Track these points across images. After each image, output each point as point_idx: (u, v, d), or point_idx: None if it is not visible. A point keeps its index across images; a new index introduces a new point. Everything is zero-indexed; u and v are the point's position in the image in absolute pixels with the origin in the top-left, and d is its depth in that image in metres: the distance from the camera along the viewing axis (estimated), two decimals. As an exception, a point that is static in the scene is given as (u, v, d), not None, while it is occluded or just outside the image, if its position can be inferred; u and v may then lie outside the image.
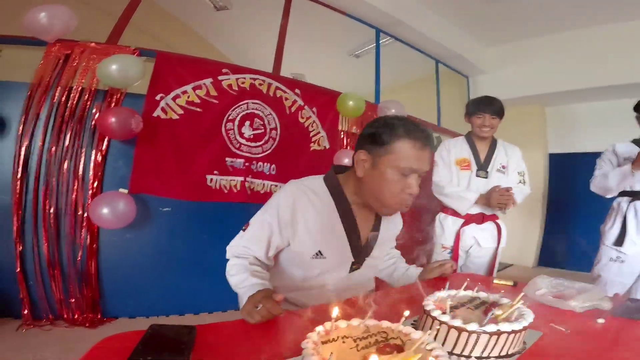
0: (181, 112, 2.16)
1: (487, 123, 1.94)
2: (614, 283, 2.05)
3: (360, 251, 1.13)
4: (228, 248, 1.12)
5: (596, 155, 2.78)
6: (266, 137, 2.44)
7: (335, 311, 0.66)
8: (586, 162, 3.85)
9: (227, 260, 1.10)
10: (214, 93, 2.25)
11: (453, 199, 1.96)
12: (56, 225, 1.97)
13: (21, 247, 1.94)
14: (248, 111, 2.37)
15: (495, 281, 1.36)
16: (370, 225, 1.15)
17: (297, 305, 1.12)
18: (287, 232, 1.06)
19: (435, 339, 0.78)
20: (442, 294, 0.90)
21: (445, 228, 2.04)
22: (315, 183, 1.11)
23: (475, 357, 0.75)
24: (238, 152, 2.34)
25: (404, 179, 1.00)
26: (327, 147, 2.72)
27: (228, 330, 0.78)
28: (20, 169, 1.96)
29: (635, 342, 0.88)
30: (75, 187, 2.00)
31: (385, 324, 0.70)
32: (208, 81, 2.24)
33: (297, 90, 2.59)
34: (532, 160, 4.53)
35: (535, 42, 4.06)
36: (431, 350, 0.61)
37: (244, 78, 2.35)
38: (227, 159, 2.30)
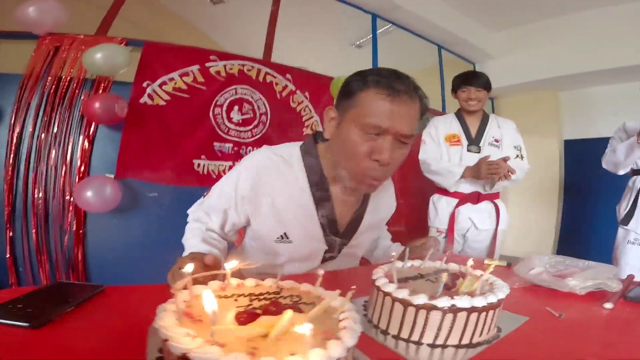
0: (168, 98, 2.05)
1: (473, 96, 1.76)
2: (634, 268, 1.79)
3: (336, 239, 0.91)
4: (189, 211, 0.97)
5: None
6: (256, 122, 2.29)
7: (232, 264, 0.49)
8: (604, 147, 3.46)
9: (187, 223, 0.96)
10: (201, 79, 2.13)
11: (441, 175, 1.74)
12: (45, 210, 1.90)
13: (11, 233, 1.87)
14: (237, 96, 2.23)
15: (486, 261, 1.13)
16: (354, 206, 0.92)
17: None
18: (245, 208, 0.87)
19: (380, 317, 0.58)
20: (402, 263, 0.70)
21: (439, 210, 1.81)
22: (291, 152, 0.89)
23: (428, 345, 0.55)
24: (226, 136, 2.20)
25: (372, 141, 0.73)
26: (321, 131, 2.53)
27: (140, 293, 0.68)
28: (12, 156, 1.91)
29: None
30: (64, 172, 1.92)
31: (305, 287, 0.51)
32: (195, 68, 2.11)
33: (288, 76, 2.43)
34: (546, 147, 4.18)
35: (545, 25, 3.70)
36: (342, 320, 0.41)
37: (232, 64, 2.21)
38: (215, 143, 2.16)
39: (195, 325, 0.36)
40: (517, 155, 1.78)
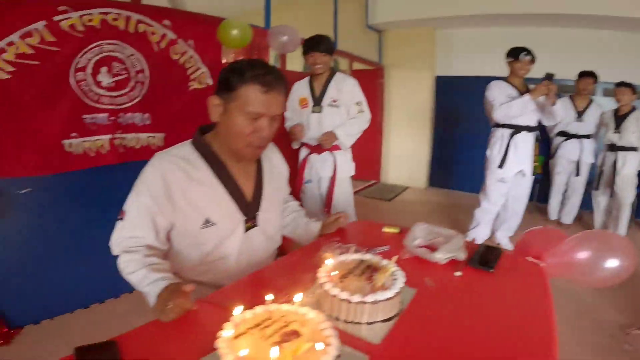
0: (12, 68, 1.78)
1: (319, 61, 2.27)
2: (497, 201, 2.98)
3: (248, 207, 1.21)
4: (111, 244, 1.09)
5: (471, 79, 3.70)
6: (131, 83, 2.20)
7: (238, 309, 0.75)
8: (465, 84, 4.60)
9: (116, 257, 1.07)
10: (51, 38, 1.87)
11: None
12: None
13: None
14: (103, 55, 2.07)
15: (384, 229, 1.54)
16: (253, 177, 1.24)
17: (204, 283, 1.18)
18: (167, 208, 1.08)
19: (330, 308, 0.97)
20: (332, 261, 1.07)
21: (300, 159, 2.50)
22: (185, 150, 1.15)
23: (367, 323, 0.94)
24: (98, 105, 2.09)
25: (254, 123, 1.07)
26: (211, 83, 2.57)
27: (147, 334, 0.81)
28: None
29: (485, 289, 1.11)
30: None
31: (285, 307, 0.82)
32: (40, 25, 1.83)
33: (166, 22, 2.31)
34: (421, 81, 5.09)
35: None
36: (322, 330, 0.76)
37: (91, 14, 1.99)
38: (84, 116, 2.05)
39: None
40: (359, 110, 2.38)
